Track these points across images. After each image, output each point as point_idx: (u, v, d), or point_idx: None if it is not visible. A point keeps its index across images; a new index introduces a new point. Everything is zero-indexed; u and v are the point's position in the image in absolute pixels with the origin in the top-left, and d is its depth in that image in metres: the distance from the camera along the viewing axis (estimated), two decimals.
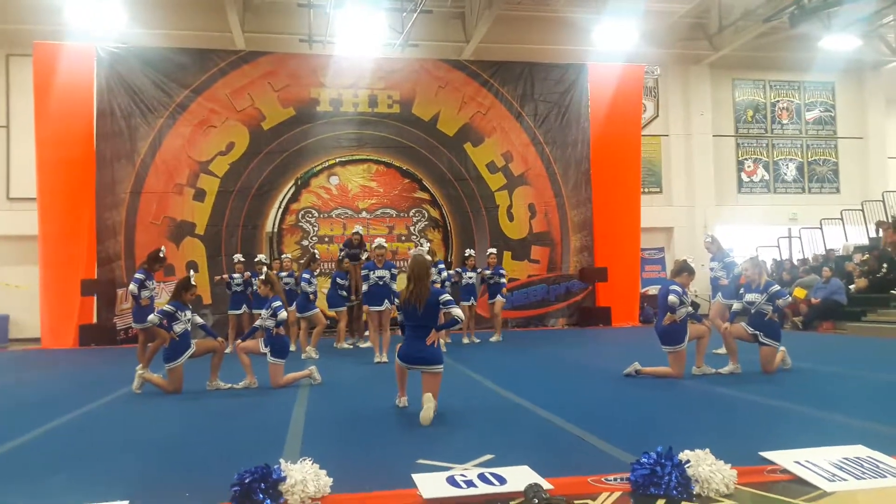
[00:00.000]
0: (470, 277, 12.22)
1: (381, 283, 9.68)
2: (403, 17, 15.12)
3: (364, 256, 11.81)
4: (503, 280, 12.51)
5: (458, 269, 12.43)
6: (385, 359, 9.27)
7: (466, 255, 12.64)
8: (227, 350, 11.22)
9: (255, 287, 11.21)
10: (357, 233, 12.52)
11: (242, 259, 11.89)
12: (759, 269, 7.81)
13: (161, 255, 9.14)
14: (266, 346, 7.33)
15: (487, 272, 12.45)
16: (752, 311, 7.64)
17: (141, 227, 14.36)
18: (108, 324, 13.99)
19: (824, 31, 16.62)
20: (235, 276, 11.56)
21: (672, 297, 7.11)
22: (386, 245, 10.20)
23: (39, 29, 14.74)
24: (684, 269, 7.39)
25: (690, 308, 7.36)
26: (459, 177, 15.91)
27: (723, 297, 9.25)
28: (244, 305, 11.46)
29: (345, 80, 15.56)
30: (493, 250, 12.94)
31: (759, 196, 19.89)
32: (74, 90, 14.09)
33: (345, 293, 11.39)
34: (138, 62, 14.63)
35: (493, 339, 12.24)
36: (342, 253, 12.05)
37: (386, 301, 9.60)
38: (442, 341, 10.57)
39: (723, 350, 7.89)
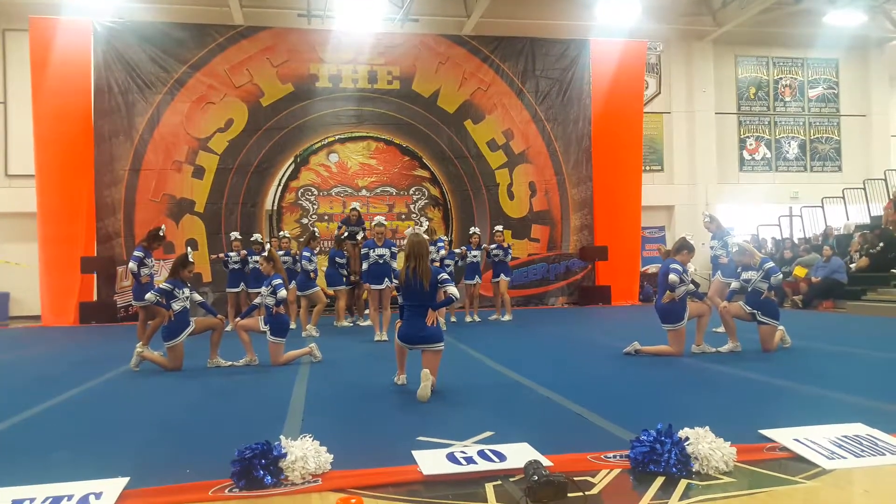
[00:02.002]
0: (475, 256, 12.15)
1: (381, 261, 9.67)
2: None
3: (361, 235, 11.78)
4: (507, 258, 12.33)
5: (465, 247, 12.36)
6: (385, 337, 9.29)
7: (471, 232, 12.51)
8: (228, 328, 11.32)
9: (251, 265, 11.21)
10: (355, 209, 12.49)
11: (240, 237, 11.85)
12: (749, 254, 7.83)
13: (160, 233, 9.13)
14: (266, 325, 7.33)
15: (493, 247, 12.23)
16: (749, 289, 7.66)
17: (140, 204, 14.31)
18: (109, 301, 14.00)
19: (829, 6, 16.44)
20: (231, 253, 11.53)
21: (672, 276, 7.10)
22: (385, 223, 10.15)
23: (36, 3, 14.57)
24: (684, 247, 7.37)
25: (691, 286, 7.35)
26: (460, 154, 15.82)
27: (722, 275, 9.25)
28: (242, 283, 11.46)
29: (344, 56, 15.41)
30: (501, 227, 12.73)
31: (760, 174, 19.81)
32: (71, 66, 13.95)
33: (344, 272, 11.39)
34: (135, 37, 14.47)
35: (505, 318, 12.11)
36: (339, 230, 12.01)
37: (386, 279, 9.60)
38: (441, 320, 10.64)
39: (722, 329, 7.89)
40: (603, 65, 16.32)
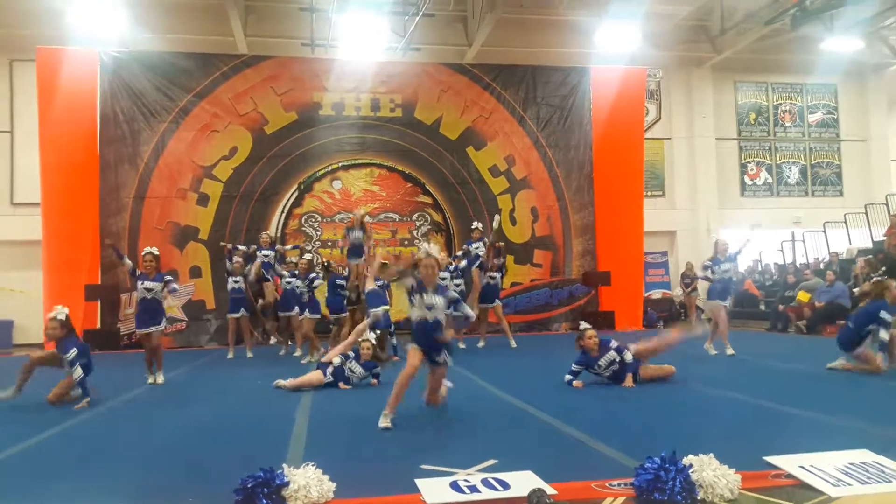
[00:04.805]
0: (477, 247, 11.97)
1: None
2: (405, 21, 15.15)
3: (367, 248, 11.67)
4: (498, 280, 12.12)
5: (465, 244, 12.41)
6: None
7: (472, 227, 12.58)
8: (230, 356, 11.30)
9: (260, 258, 11.70)
10: (356, 215, 12.29)
11: (245, 248, 12.11)
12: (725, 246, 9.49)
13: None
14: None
15: (473, 246, 12.00)
16: (727, 277, 9.18)
17: (145, 232, 14.37)
18: (112, 329, 13.99)
19: (826, 33, 16.60)
20: (241, 247, 11.86)
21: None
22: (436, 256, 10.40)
23: (43, 34, 14.76)
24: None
25: None
26: (462, 181, 15.91)
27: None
28: (242, 309, 11.48)
29: (347, 84, 15.58)
30: (478, 224, 12.71)
31: (762, 199, 19.85)
32: (78, 95, 14.12)
33: (346, 292, 11.38)
34: (141, 67, 14.67)
35: (512, 344, 11.85)
36: (341, 243, 12.08)
37: None
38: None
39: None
40: (603, 91, 16.48)
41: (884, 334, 7.51)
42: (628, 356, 7.07)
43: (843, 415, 5.29)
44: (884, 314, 7.44)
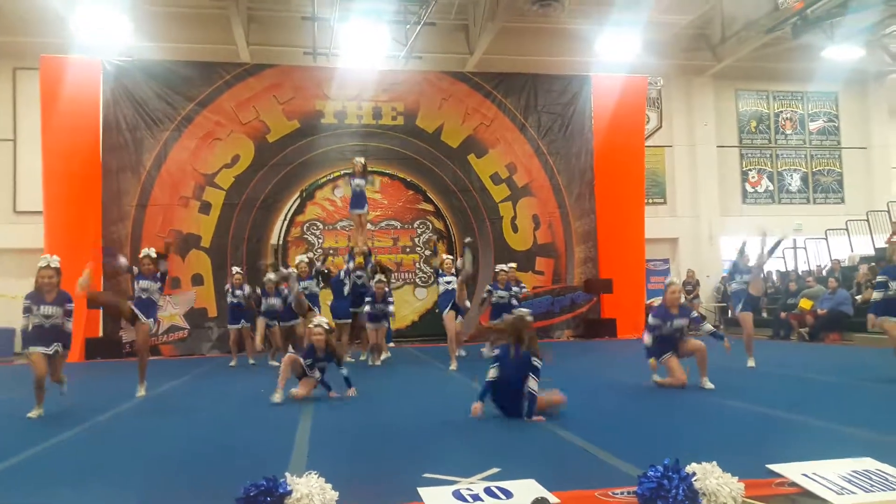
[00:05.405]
0: (449, 282, 10.39)
1: (449, 287, 10.00)
2: (407, 30, 15.21)
3: (373, 280, 11.25)
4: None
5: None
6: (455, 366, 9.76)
7: (444, 258, 10.84)
8: (232, 364, 11.31)
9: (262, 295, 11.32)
10: (357, 162, 11.98)
11: (241, 272, 11.92)
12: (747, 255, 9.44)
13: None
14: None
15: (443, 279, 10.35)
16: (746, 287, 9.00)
17: (147, 239, 14.34)
18: (114, 337, 14.00)
19: (827, 41, 16.64)
20: (236, 290, 11.51)
21: None
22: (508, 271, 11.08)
23: (46, 42, 14.83)
24: None
25: None
26: (463, 188, 15.94)
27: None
28: (242, 320, 11.47)
29: (349, 93, 15.64)
30: (448, 257, 10.90)
31: (763, 207, 19.84)
32: (80, 103, 14.19)
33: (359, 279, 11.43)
34: (144, 75, 14.73)
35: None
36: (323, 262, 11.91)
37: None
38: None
39: None
40: (604, 99, 16.53)
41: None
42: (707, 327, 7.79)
43: (846, 422, 5.28)
44: None
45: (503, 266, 11.51)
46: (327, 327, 7.23)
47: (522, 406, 5.67)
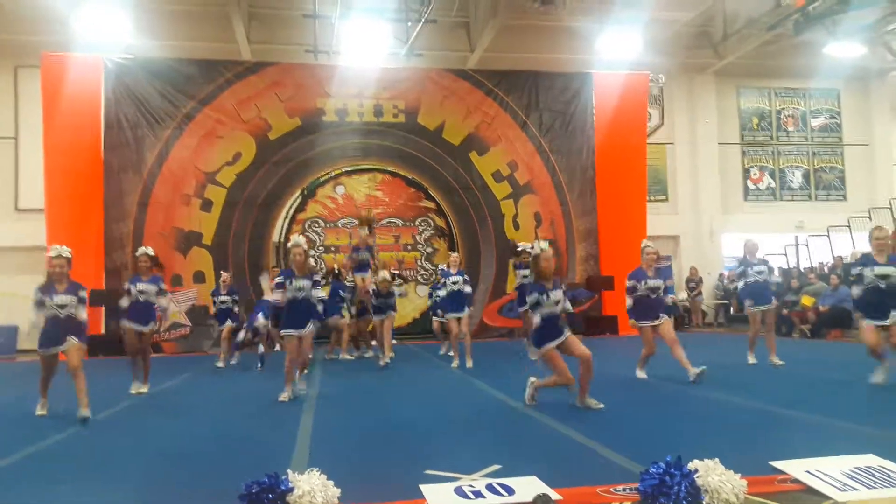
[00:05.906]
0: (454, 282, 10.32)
1: (455, 287, 9.93)
2: (408, 27, 15.20)
3: (371, 261, 11.37)
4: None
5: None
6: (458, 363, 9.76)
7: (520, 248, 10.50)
8: (219, 364, 11.13)
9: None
10: (362, 237, 11.48)
11: (229, 274, 12.03)
12: (755, 246, 9.28)
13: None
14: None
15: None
16: (761, 280, 8.85)
17: (148, 237, 14.37)
18: (116, 335, 13.97)
19: (829, 38, 16.60)
20: (222, 297, 11.47)
21: None
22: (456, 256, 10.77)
23: (47, 40, 14.85)
24: None
25: None
26: (465, 186, 15.93)
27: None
28: (228, 320, 11.41)
29: (350, 90, 15.63)
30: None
31: (765, 204, 19.84)
32: (82, 101, 14.20)
33: (344, 303, 11.40)
34: (145, 73, 14.74)
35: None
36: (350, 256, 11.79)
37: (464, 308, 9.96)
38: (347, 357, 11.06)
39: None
40: (606, 97, 16.50)
41: None
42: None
43: (848, 419, 5.27)
44: None
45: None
46: (305, 247, 7.22)
47: (565, 327, 6.07)
